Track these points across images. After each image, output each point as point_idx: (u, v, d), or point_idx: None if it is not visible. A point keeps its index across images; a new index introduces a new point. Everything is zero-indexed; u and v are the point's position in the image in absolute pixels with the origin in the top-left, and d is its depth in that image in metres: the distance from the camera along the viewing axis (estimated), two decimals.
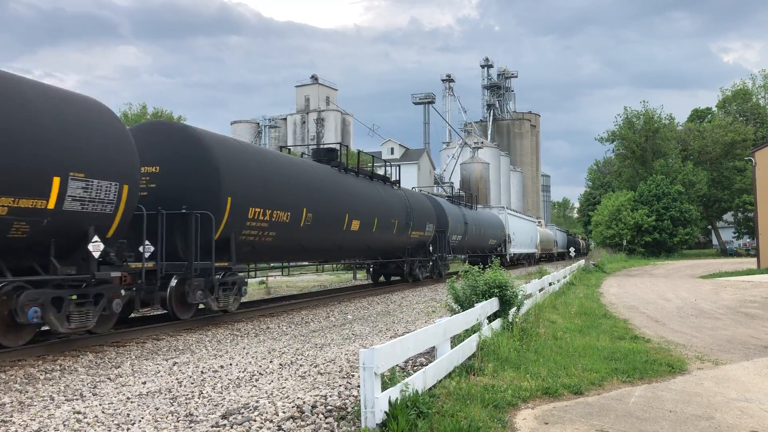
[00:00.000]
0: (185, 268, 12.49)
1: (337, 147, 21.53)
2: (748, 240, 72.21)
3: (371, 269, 26.93)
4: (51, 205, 9.30)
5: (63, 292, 9.79)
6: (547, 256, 66.87)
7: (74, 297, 9.84)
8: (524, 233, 51.22)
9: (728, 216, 77.61)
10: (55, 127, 9.51)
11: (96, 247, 10.12)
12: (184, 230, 12.41)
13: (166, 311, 13.10)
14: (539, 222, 66.73)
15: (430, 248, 27.44)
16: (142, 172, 11.82)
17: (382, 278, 27.79)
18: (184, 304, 12.94)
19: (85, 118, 10.25)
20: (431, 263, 27.96)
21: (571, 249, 67.21)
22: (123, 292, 10.92)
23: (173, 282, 12.48)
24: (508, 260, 43.93)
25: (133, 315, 13.40)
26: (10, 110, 8.92)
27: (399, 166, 29.16)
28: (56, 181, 9.31)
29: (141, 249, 11.63)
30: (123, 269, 10.80)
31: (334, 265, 32.66)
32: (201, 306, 13.81)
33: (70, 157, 9.58)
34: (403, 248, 24.92)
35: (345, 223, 18.62)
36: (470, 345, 8.91)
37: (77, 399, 7.27)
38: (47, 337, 10.94)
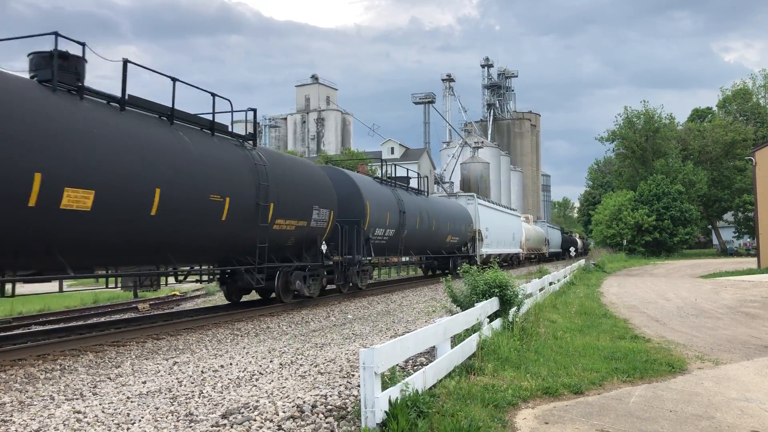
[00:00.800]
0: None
1: None
2: (748, 240, 72.24)
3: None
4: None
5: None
6: (537, 257, 58.52)
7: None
8: (503, 229, 41.80)
9: (728, 216, 77.65)
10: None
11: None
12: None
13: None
14: (526, 218, 59.67)
15: (324, 247, 17.95)
16: None
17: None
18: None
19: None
20: (327, 271, 18.98)
21: (572, 249, 67.13)
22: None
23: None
24: (479, 262, 30.79)
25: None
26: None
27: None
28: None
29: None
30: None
31: None
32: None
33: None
34: (253, 247, 14.65)
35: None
36: (470, 345, 8.90)
37: (77, 398, 7.27)
38: (47, 337, 10.93)
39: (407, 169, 30.74)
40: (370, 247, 21.04)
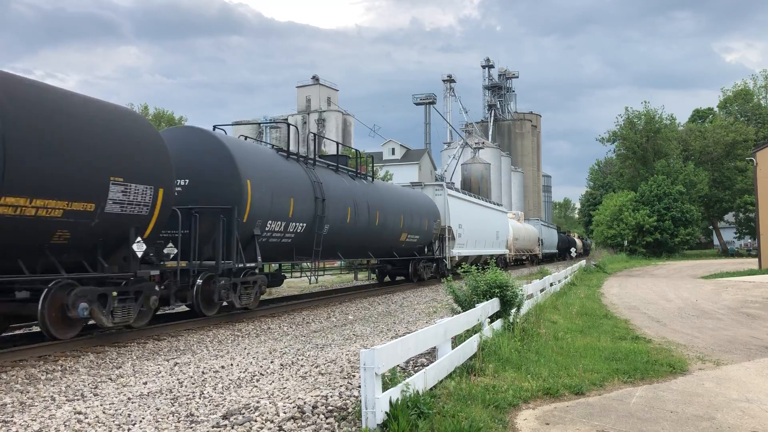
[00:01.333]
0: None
1: None
2: (749, 240, 72.26)
3: None
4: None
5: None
6: (530, 259, 54.31)
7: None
8: (482, 226, 34.74)
9: (729, 216, 77.66)
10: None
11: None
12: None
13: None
14: (515, 214, 53.45)
15: (127, 249, 11.15)
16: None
17: None
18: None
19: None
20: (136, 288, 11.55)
21: (572, 250, 67.09)
22: None
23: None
24: (448, 266, 27.99)
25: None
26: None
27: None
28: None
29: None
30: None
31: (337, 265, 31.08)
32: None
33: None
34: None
35: None
36: (471, 345, 8.90)
37: (78, 399, 7.27)
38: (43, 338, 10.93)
39: (337, 146, 26.50)
40: (256, 248, 14.51)
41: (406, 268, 26.01)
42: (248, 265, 14.39)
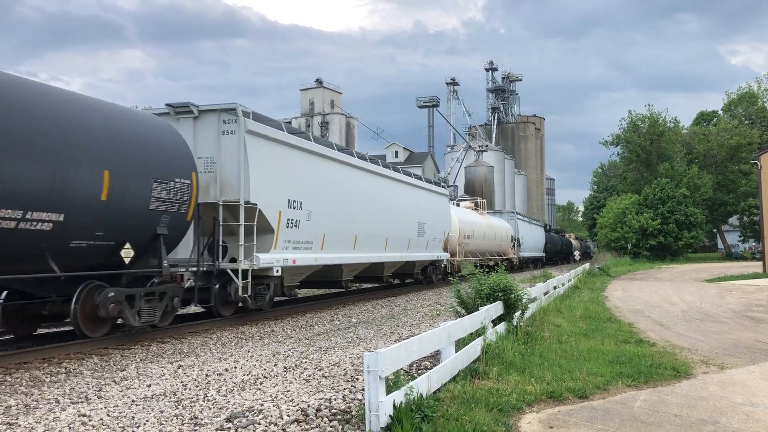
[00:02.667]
0: None
1: None
2: (753, 243, 72.02)
3: None
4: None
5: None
6: (509, 265, 35.74)
7: None
8: (372, 211, 20.31)
9: (734, 219, 77.43)
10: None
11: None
12: None
13: None
14: (475, 203, 40.49)
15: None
16: None
17: None
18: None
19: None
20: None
21: (576, 252, 66.84)
22: None
23: None
24: (237, 289, 13.85)
25: None
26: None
27: None
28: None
29: None
30: None
31: None
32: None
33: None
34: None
35: None
36: (475, 349, 8.90)
37: (82, 402, 7.29)
38: (52, 340, 10.97)
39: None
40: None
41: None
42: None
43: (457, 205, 38.15)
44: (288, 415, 6.38)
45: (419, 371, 8.48)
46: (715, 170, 70.24)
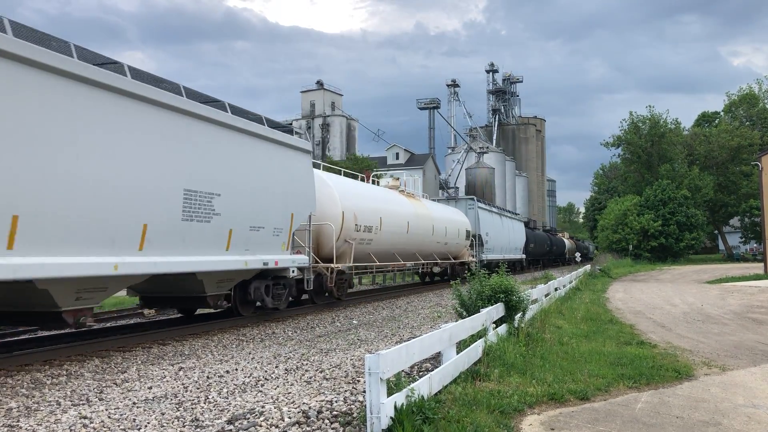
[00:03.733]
0: None
1: None
2: (754, 245, 71.99)
3: None
4: None
5: None
6: (460, 271, 29.53)
7: None
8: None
9: (735, 221, 77.43)
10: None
11: None
12: None
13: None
14: (397, 180, 27.10)
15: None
16: None
17: None
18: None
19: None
20: None
21: (577, 255, 66.63)
22: None
23: None
24: None
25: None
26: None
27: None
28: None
29: None
30: None
31: None
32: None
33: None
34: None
35: None
36: (476, 350, 8.89)
37: (83, 404, 7.29)
38: (54, 342, 10.96)
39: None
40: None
41: None
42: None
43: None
44: (289, 417, 6.37)
45: (420, 373, 8.47)
46: (716, 171, 70.22)
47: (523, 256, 45.31)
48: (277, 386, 7.98)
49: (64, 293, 9.51)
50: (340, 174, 21.97)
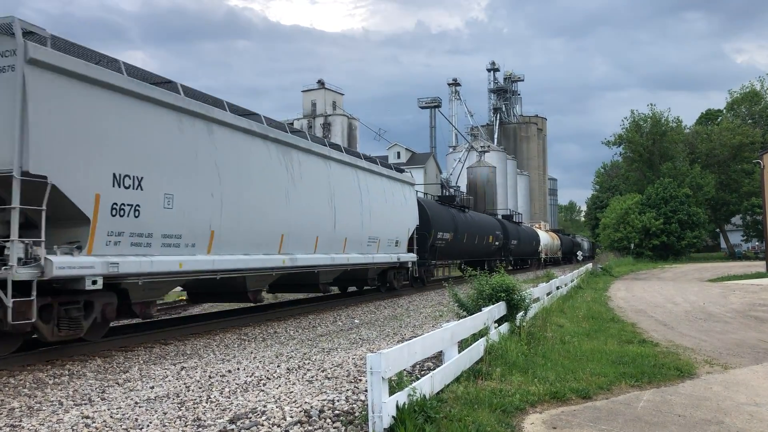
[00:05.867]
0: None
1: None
2: (756, 243, 71.99)
3: None
4: None
5: None
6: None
7: None
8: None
9: (736, 219, 77.33)
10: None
11: None
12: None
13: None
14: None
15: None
16: None
17: None
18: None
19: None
20: None
21: (579, 253, 66.46)
22: None
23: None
24: None
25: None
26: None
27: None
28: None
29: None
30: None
31: None
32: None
33: None
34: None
35: None
36: (478, 349, 8.89)
37: (86, 404, 7.29)
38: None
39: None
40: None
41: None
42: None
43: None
44: (291, 417, 6.38)
45: (422, 372, 8.47)
46: (718, 170, 70.11)
47: (412, 256, 24.04)
48: (279, 385, 7.99)
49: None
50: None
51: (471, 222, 32.92)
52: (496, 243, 37.48)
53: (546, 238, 57.54)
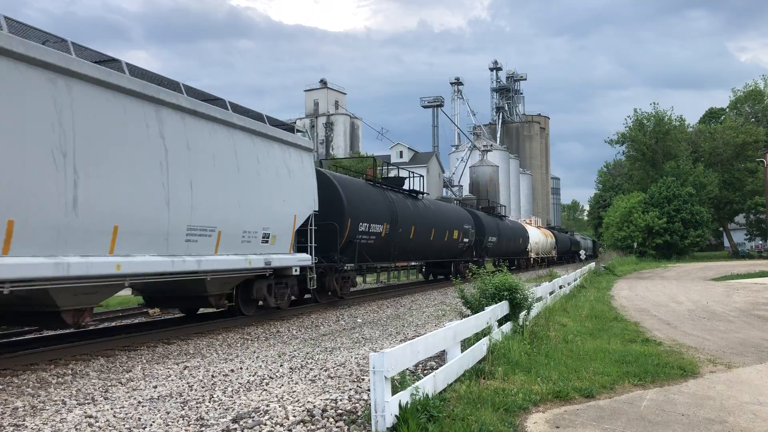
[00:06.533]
0: None
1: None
2: (760, 242, 71.85)
3: None
4: None
5: None
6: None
7: None
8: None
9: (740, 218, 77.19)
10: None
11: None
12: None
13: None
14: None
15: None
16: None
17: None
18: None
19: None
20: None
21: (582, 252, 66.27)
22: None
23: None
24: None
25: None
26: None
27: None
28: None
29: None
30: None
31: None
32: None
33: None
34: None
35: None
36: (480, 348, 8.88)
37: (89, 403, 7.30)
38: (59, 341, 10.99)
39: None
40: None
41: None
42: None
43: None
44: (294, 416, 6.38)
45: (425, 371, 8.46)
46: (721, 168, 69.95)
47: (303, 258, 16.80)
48: (282, 385, 7.99)
49: None
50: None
51: (425, 212, 25.02)
52: (465, 240, 29.95)
53: (537, 236, 51.38)
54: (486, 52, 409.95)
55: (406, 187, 25.06)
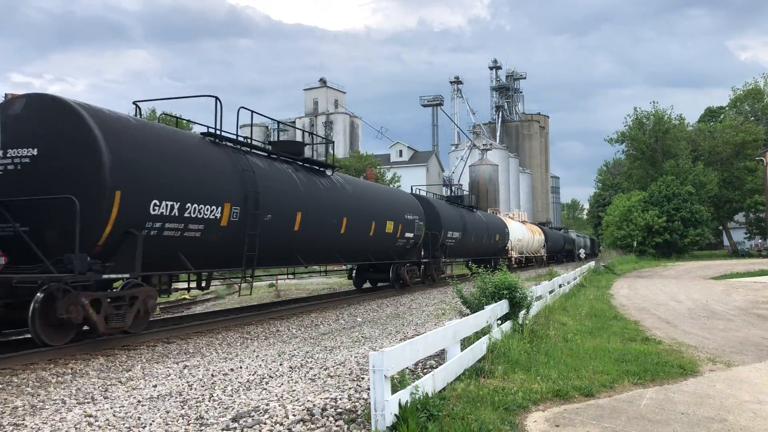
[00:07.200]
0: None
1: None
2: (759, 241, 71.83)
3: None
4: None
5: None
6: None
7: None
8: None
9: (739, 216, 77.18)
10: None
11: None
12: None
13: None
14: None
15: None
16: None
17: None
18: None
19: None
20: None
21: (582, 251, 66.29)
22: None
23: None
24: None
25: None
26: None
27: None
28: None
29: None
30: None
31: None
32: None
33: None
34: None
35: None
36: (480, 347, 8.88)
37: (88, 402, 7.30)
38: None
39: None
40: None
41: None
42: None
43: None
44: (294, 415, 6.38)
45: (425, 370, 8.47)
46: (721, 167, 69.91)
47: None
48: (282, 384, 7.99)
49: None
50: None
51: (331, 194, 17.69)
52: (408, 235, 23.24)
53: (520, 232, 43.65)
54: (486, 50, 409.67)
55: (319, 159, 18.66)
